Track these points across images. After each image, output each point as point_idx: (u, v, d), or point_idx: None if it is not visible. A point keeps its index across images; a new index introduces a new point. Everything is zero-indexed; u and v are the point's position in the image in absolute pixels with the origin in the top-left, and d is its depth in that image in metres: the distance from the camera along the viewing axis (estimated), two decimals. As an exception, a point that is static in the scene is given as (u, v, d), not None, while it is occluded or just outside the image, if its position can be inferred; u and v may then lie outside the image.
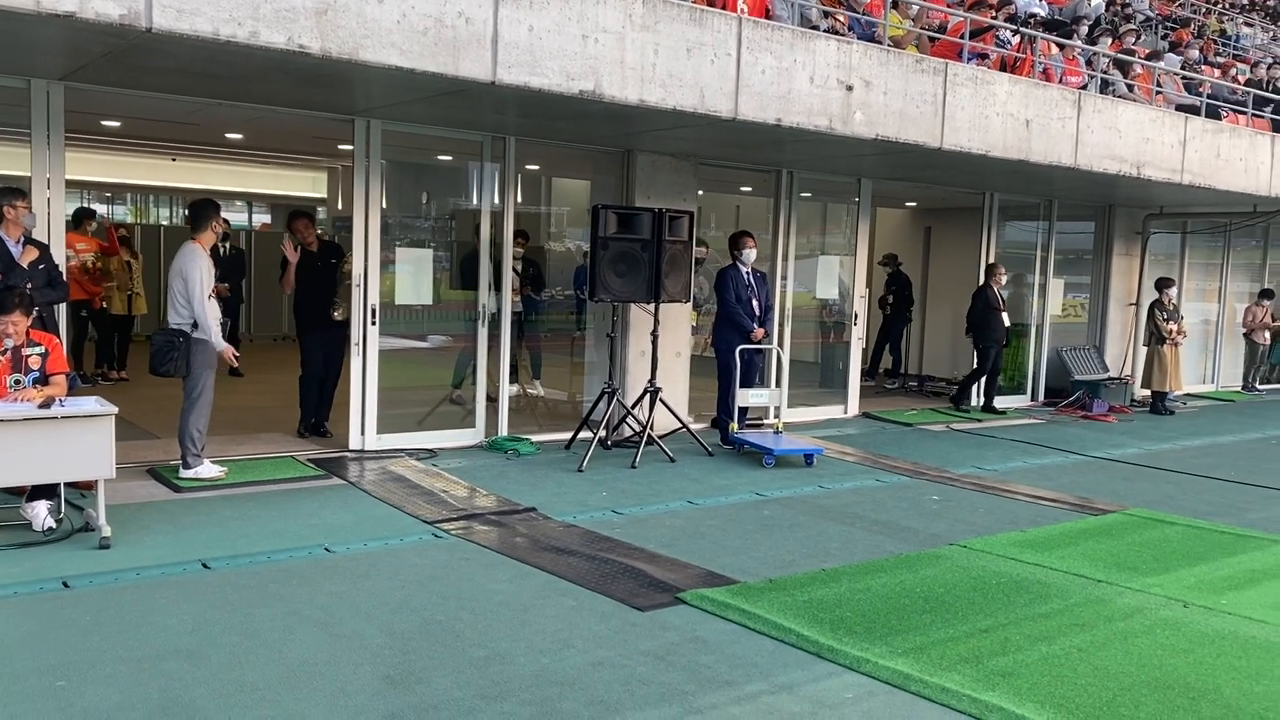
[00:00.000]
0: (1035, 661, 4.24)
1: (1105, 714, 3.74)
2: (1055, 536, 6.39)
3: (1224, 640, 4.57)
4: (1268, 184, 11.59)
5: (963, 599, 5.06)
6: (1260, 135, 11.65)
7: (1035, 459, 9.29)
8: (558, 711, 3.66)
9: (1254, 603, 5.12)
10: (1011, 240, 13.46)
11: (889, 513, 6.97)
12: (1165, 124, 10.36)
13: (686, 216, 8.52)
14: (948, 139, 8.56)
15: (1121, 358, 13.59)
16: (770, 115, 7.50)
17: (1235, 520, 7.06)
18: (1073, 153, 9.47)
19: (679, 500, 7.09)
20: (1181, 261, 14.68)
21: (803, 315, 11.61)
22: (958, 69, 8.60)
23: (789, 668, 4.15)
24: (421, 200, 9.92)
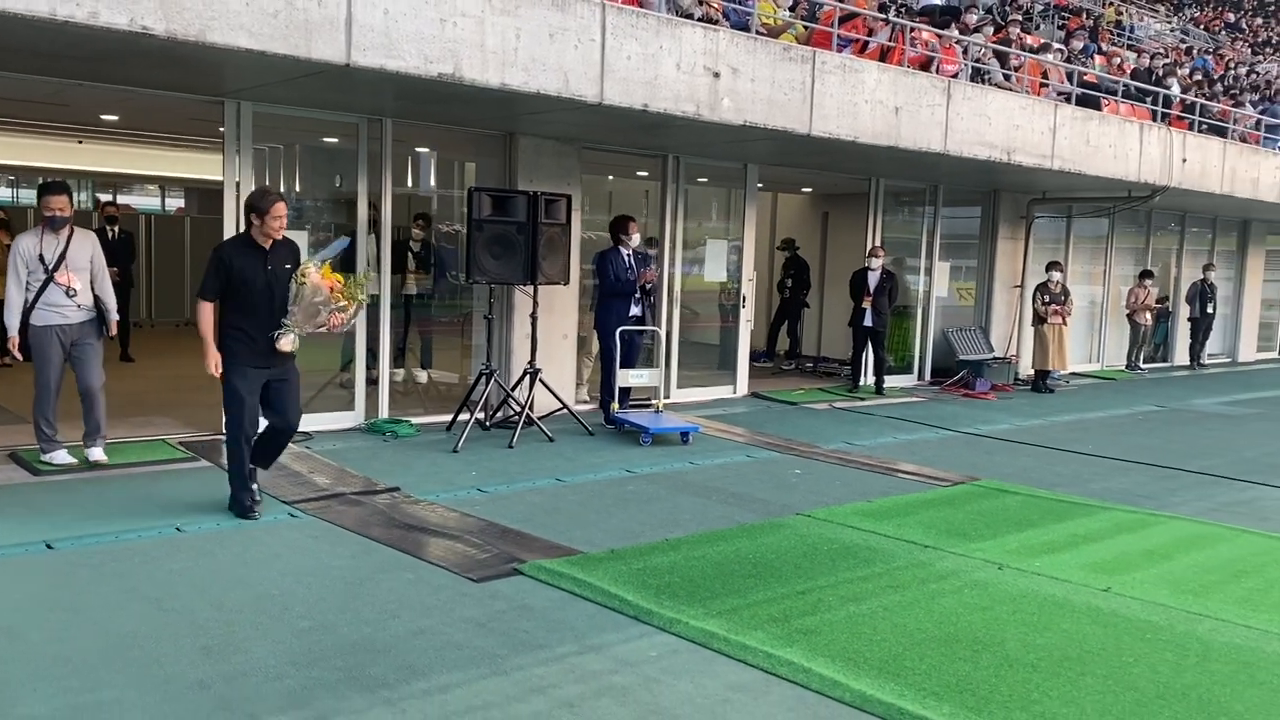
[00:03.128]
0: (840, 620, 4.47)
1: (890, 665, 3.98)
2: (898, 506, 6.67)
3: (1024, 598, 4.86)
4: (1137, 170, 12.07)
5: (790, 564, 5.29)
6: (1129, 123, 12.13)
7: (906, 434, 9.63)
8: (366, 676, 3.79)
9: (1064, 564, 5.44)
10: (903, 225, 13.85)
11: (748, 486, 7.20)
12: (1035, 111, 10.75)
13: (564, 199, 8.65)
14: (816, 125, 8.80)
15: (1007, 338, 14.06)
16: (637, 101, 7.66)
17: (1079, 490, 7.42)
18: (942, 139, 9.79)
19: (547, 478, 7.23)
20: (1066, 245, 15.21)
21: (693, 299, 11.86)
22: (826, 57, 8.84)
23: (604, 631, 4.32)
24: (299, 182, 9.89)
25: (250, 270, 5.64)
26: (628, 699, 3.66)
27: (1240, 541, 6.04)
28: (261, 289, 5.65)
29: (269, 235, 5.69)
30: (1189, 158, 12.73)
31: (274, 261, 5.69)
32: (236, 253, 5.70)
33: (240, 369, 5.69)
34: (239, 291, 5.65)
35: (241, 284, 5.63)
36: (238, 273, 5.62)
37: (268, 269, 5.67)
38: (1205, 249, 17.76)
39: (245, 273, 5.63)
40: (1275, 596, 5.01)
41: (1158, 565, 5.48)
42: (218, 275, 5.66)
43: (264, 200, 5.69)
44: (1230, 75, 22.50)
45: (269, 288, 5.67)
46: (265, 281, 5.66)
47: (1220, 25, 34.42)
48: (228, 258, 5.67)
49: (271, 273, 5.67)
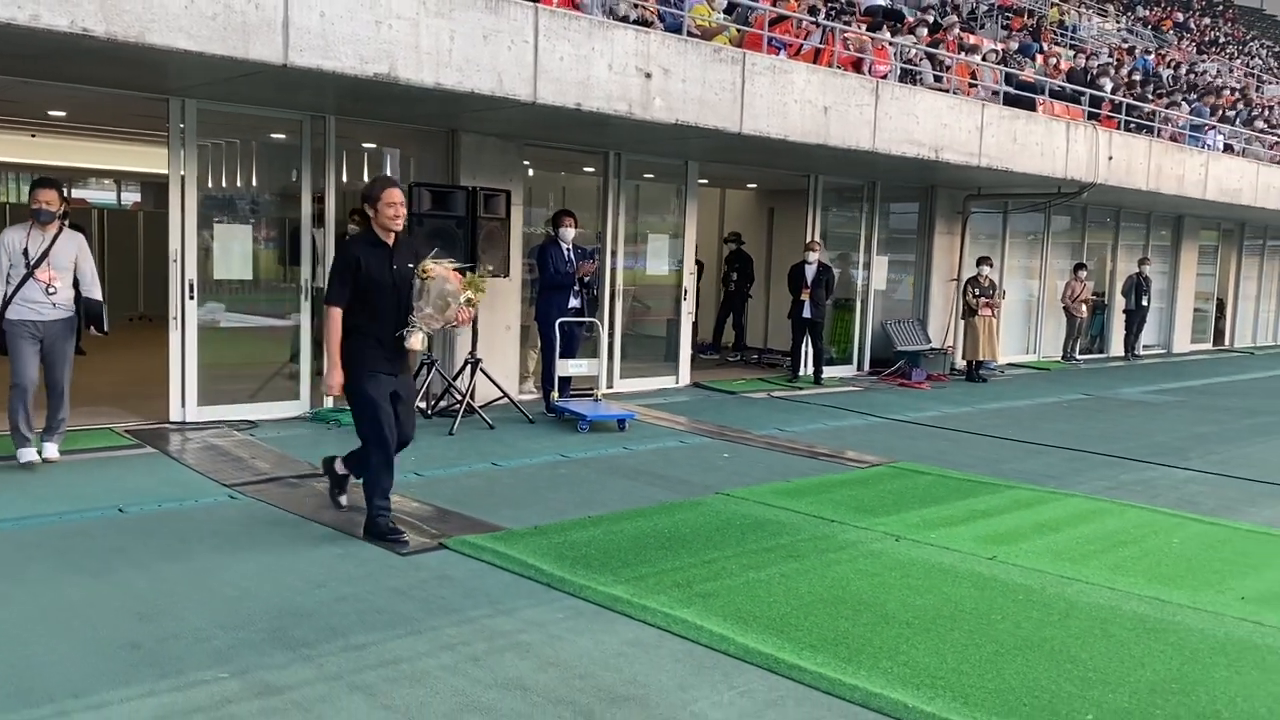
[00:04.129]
0: (738, 585, 4.82)
1: (776, 624, 4.33)
2: (814, 486, 7.04)
3: (912, 566, 5.24)
4: (1064, 167, 12.55)
5: (702, 537, 5.63)
6: (1056, 121, 12.61)
7: (836, 421, 10.02)
8: (289, 637, 4.08)
9: (958, 536, 5.82)
10: (845, 220, 14.26)
11: (676, 469, 7.54)
12: (963, 110, 11.18)
13: (503, 194, 8.94)
14: (747, 124, 9.15)
15: (944, 330, 14.52)
16: (570, 100, 7.97)
17: (990, 471, 7.83)
18: (871, 137, 10.19)
19: (484, 462, 7.53)
20: (1003, 240, 15.70)
21: (641, 292, 12.22)
22: (756, 58, 9.20)
23: (518, 597, 4.64)
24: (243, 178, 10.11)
25: (377, 269, 5.24)
26: (530, 653, 3.99)
27: (1126, 515, 6.47)
28: (388, 289, 5.26)
29: (388, 227, 5.30)
30: (1115, 155, 13.23)
31: (398, 260, 5.31)
32: (363, 251, 5.29)
33: (372, 375, 5.29)
34: (365, 293, 5.24)
35: (369, 284, 5.22)
36: (365, 272, 5.21)
37: (393, 267, 5.28)
38: (1140, 243, 18.35)
39: (372, 272, 5.22)
40: (1145, 563, 5.42)
41: (1045, 537, 5.88)
42: (347, 276, 5.23)
43: (374, 187, 5.32)
44: (1171, 75, 23.18)
45: (395, 288, 5.27)
46: (391, 281, 5.26)
47: (1170, 25, 35.23)
48: (357, 256, 5.25)
49: (396, 272, 5.28)
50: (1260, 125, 20.80)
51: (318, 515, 5.91)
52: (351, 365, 5.29)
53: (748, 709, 3.55)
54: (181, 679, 3.65)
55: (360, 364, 5.29)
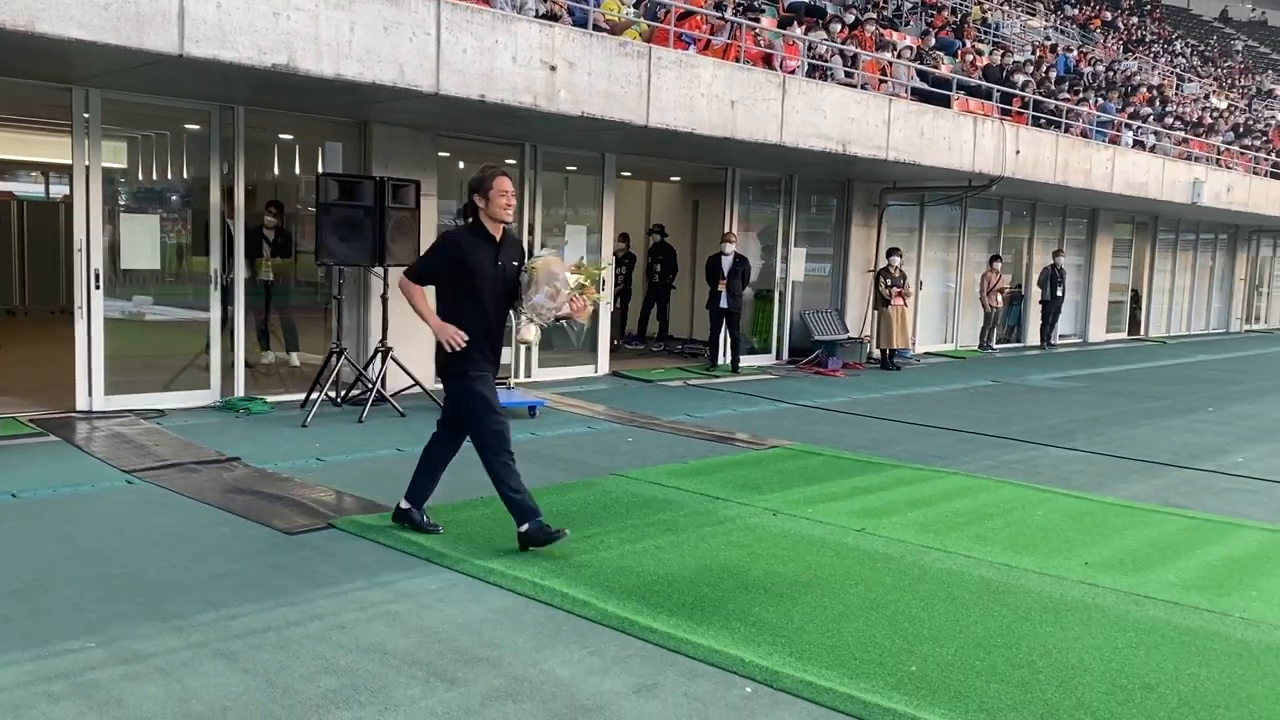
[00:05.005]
0: (612, 557, 5.03)
1: (640, 591, 4.54)
2: (708, 467, 7.28)
3: (784, 538, 5.48)
4: (971, 161, 12.94)
5: (588, 515, 5.83)
6: (964, 117, 13.00)
7: (745, 407, 10.29)
8: (162, 610, 4.21)
9: (834, 511, 6.09)
10: (767, 213, 14.53)
11: (579, 453, 7.74)
12: (870, 105, 11.49)
13: (413, 184, 9.05)
14: (654, 118, 9.36)
15: (861, 319, 14.87)
16: (474, 91, 8.11)
17: (881, 452, 8.13)
18: (778, 131, 10.45)
19: (389, 449, 7.66)
20: (920, 232, 16.11)
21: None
22: (661, 53, 9.41)
23: (396, 571, 4.81)
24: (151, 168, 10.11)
25: (484, 265, 4.98)
26: (396, 621, 4.15)
27: (1000, 491, 6.79)
28: (494, 285, 5.02)
29: (499, 218, 5.02)
30: (1022, 150, 13.66)
31: (504, 257, 5.07)
32: (469, 243, 5.02)
33: (482, 374, 5.05)
34: (471, 288, 4.97)
35: (472, 278, 4.96)
36: (469, 265, 4.94)
37: (498, 263, 5.03)
38: (1056, 236, 18.90)
39: (477, 266, 4.96)
40: (1005, 534, 5.72)
41: (916, 511, 6.17)
42: (437, 260, 5.04)
43: (485, 176, 5.02)
44: (1091, 73, 23.84)
45: (501, 284, 5.04)
46: (497, 277, 5.02)
47: (1099, 24, 36.11)
48: (459, 247, 5.00)
49: (502, 269, 5.04)
50: (1171, 121, 21.48)
51: (212, 499, 6.01)
52: (457, 366, 5.03)
53: (594, 665, 3.76)
54: (48, 649, 3.77)
55: (470, 361, 5.01)
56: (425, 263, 5.17)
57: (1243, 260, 25.28)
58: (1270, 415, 10.95)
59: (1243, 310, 25.53)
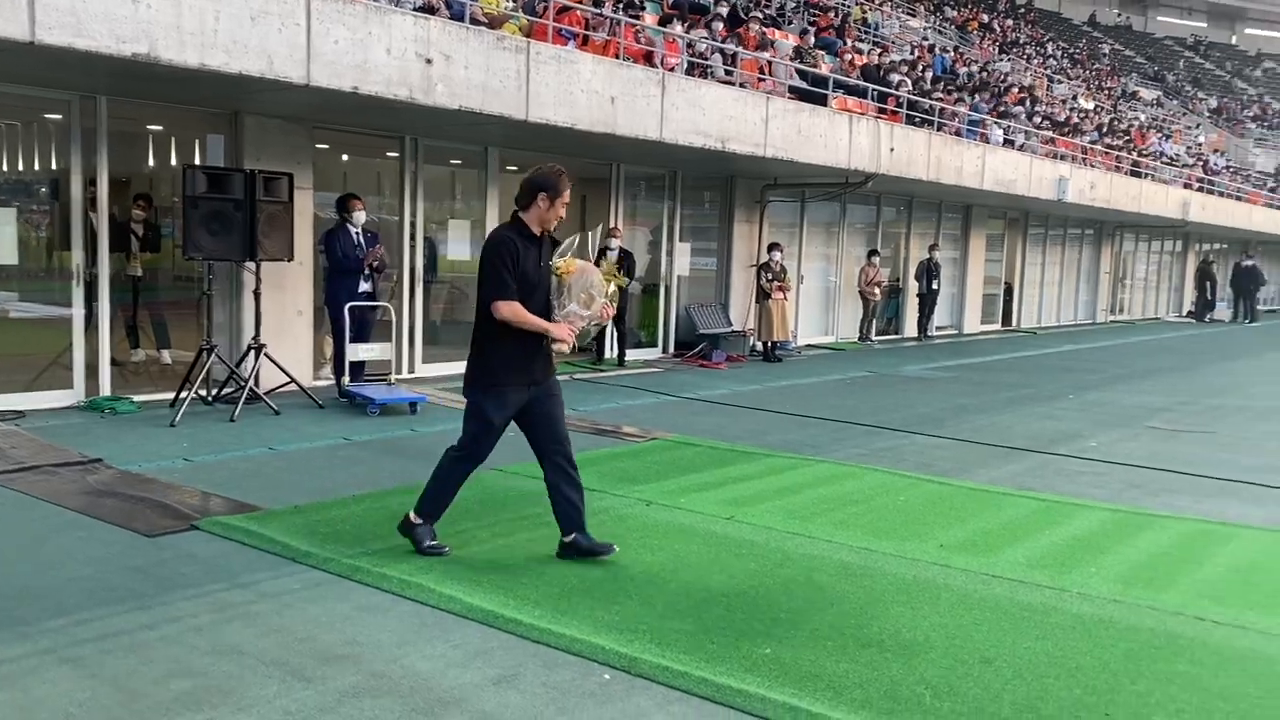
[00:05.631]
0: (483, 552, 5.06)
1: (506, 583, 4.57)
2: (587, 459, 7.24)
3: (654, 527, 5.58)
4: (847, 158, 13.30)
5: (461, 510, 5.78)
6: (839, 115, 13.34)
7: (629, 400, 10.39)
8: (9, 616, 4.07)
9: (706, 500, 6.22)
10: (653, 209, 14.67)
11: (457, 449, 7.71)
12: (748, 103, 11.71)
13: (285, 177, 8.87)
14: (533, 112, 9.37)
15: (744, 313, 15.14)
16: (346, 83, 7.99)
17: (756, 442, 8.32)
18: (659, 127, 10.57)
19: (260, 447, 7.51)
20: (801, 227, 16.47)
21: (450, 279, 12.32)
22: (540, 48, 9.42)
23: (259, 571, 4.74)
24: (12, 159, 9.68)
25: (532, 267, 4.71)
26: (256, 621, 4.10)
27: (866, 478, 7.03)
28: (539, 288, 4.76)
29: (547, 224, 4.78)
30: (896, 148, 14.10)
31: (545, 257, 4.81)
32: (520, 244, 4.70)
33: (502, 395, 4.78)
34: (521, 290, 4.68)
35: (524, 281, 4.67)
36: (521, 268, 4.66)
37: (541, 265, 4.77)
38: (931, 231, 19.54)
39: (528, 270, 4.68)
40: (868, 519, 5.94)
41: (784, 498, 6.35)
42: (511, 269, 4.63)
43: (559, 180, 4.75)
44: (966, 73, 24.70)
45: (543, 286, 4.78)
46: (542, 279, 4.77)
47: (976, 25, 37.37)
48: (516, 248, 4.66)
49: (544, 270, 4.79)
50: (1039, 121, 22.42)
51: (70, 502, 5.81)
52: (485, 375, 4.79)
53: (456, 659, 3.78)
54: (-121, 661, 3.62)
55: (497, 379, 4.75)
56: (506, 279, 4.63)
57: (1107, 254, 26.53)
58: (1124, 402, 11.57)
59: (1107, 302, 26.81)
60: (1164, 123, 37.54)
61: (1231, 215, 27.92)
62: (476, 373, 4.84)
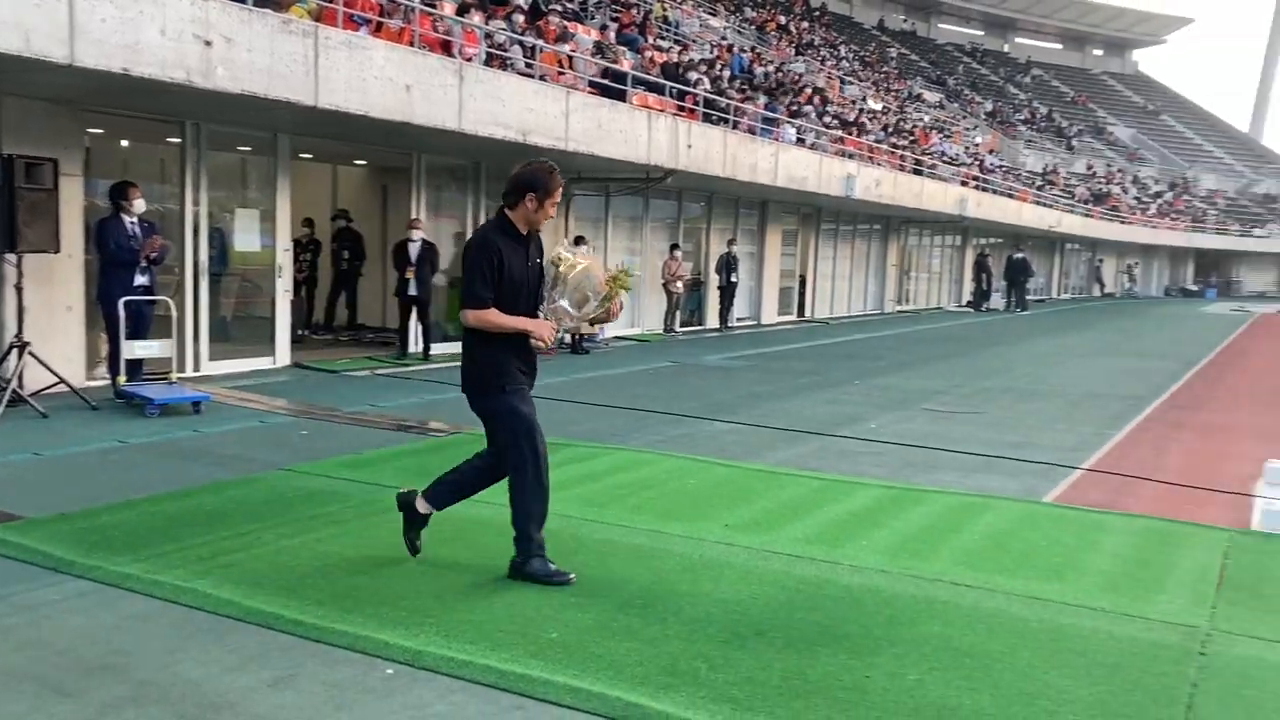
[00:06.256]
0: (266, 554, 4.89)
1: (291, 585, 4.44)
2: (384, 457, 7.22)
3: (449, 521, 5.50)
4: (647, 153, 13.56)
5: (245, 512, 5.62)
6: (639, 111, 13.59)
7: (434, 395, 10.27)
8: None
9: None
10: (454, 199, 14.50)
11: (245, 448, 7.42)
12: (548, 96, 11.76)
13: (49, 163, 8.27)
14: (324, 98, 9.09)
15: (551, 306, 15.19)
16: (116, 64, 7.53)
17: (560, 432, 8.28)
18: (457, 118, 10.47)
19: (23, 453, 6.99)
20: (605, 221, 16.68)
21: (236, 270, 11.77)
22: (330, 33, 9.15)
23: (13, 583, 4.41)
24: None
25: (519, 268, 4.52)
26: (9, 636, 3.83)
27: (662, 464, 7.22)
28: (526, 288, 4.56)
29: (535, 225, 4.60)
30: (694, 144, 14.49)
31: (533, 255, 4.62)
32: (505, 244, 4.49)
33: (520, 388, 4.60)
34: (510, 293, 4.49)
35: (510, 283, 4.48)
36: (507, 269, 4.46)
37: (529, 264, 4.59)
38: (730, 226, 20.18)
39: (514, 269, 4.50)
40: (661, 503, 6.11)
41: (583, 486, 6.44)
42: (491, 273, 4.42)
43: (550, 178, 4.54)
44: (763, 73, 25.60)
45: (533, 286, 4.59)
46: (529, 279, 4.57)
47: (774, 26, 38.73)
48: (499, 249, 4.44)
49: (532, 269, 4.60)
50: (829, 120, 23.52)
51: None
52: (491, 380, 4.58)
53: (230, 664, 3.66)
54: None
55: (506, 374, 4.56)
56: (481, 284, 4.43)
57: (894, 248, 28.13)
58: (905, 386, 12.32)
59: (894, 293, 28.44)
60: (945, 124, 40.11)
61: (1004, 211, 30.15)
62: (481, 378, 4.64)
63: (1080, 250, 44.77)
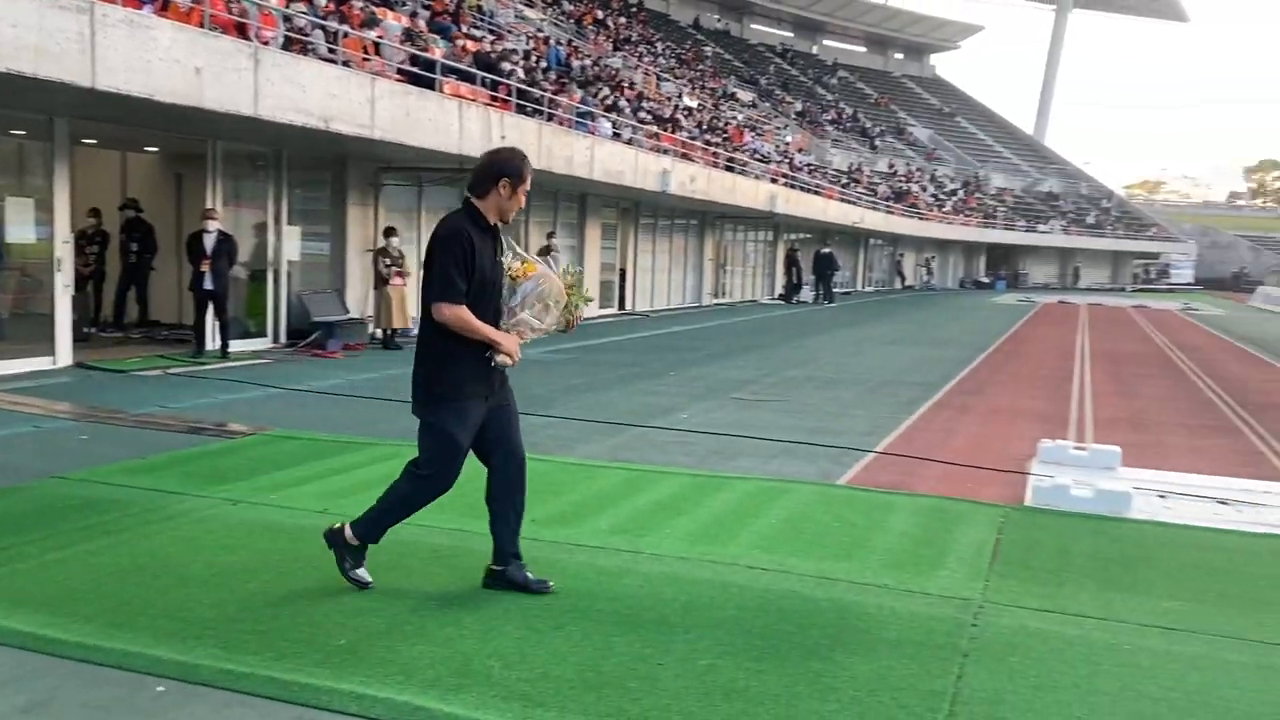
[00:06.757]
0: (29, 569, 4.52)
1: (57, 600, 4.12)
2: (172, 460, 6.82)
3: (238, 527, 5.29)
4: (459, 143, 13.34)
5: (7, 525, 5.18)
6: (449, 100, 13.36)
7: (231, 394, 9.79)
8: None
9: (302, 495, 5.98)
10: (254, 188, 13.84)
11: (14, 456, 6.89)
12: (352, 82, 11.39)
13: None
14: (102, 79, 8.50)
15: (363, 300, 14.77)
16: None
17: (368, 432, 8.13)
18: (253, 103, 9.99)
19: None
20: (419, 212, 16.32)
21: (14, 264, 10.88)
22: (108, 9, 8.56)
23: None
24: None
25: (488, 262, 4.14)
26: None
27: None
28: (495, 285, 4.18)
29: (506, 214, 4.23)
30: (507, 135, 14.35)
31: (499, 249, 4.25)
32: (476, 235, 4.10)
33: (463, 409, 4.19)
34: (478, 289, 4.10)
35: (480, 280, 4.09)
36: (478, 265, 4.07)
37: (497, 259, 4.21)
38: (550, 219, 20.14)
39: (484, 263, 4.11)
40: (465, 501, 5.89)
41: (383, 489, 6.23)
42: (464, 267, 4.03)
43: (524, 167, 4.21)
44: (580, 66, 25.64)
45: (498, 283, 4.20)
46: (496, 275, 4.19)
47: (591, 20, 38.83)
48: (471, 240, 4.06)
49: (498, 265, 4.21)
50: (645, 116, 23.81)
51: None
52: (440, 389, 4.18)
53: (-22, 692, 3.36)
54: None
55: (457, 391, 4.16)
56: (455, 278, 4.05)
57: (711, 243, 28.78)
58: (718, 376, 12.62)
59: (712, 286, 29.11)
60: (757, 123, 41.32)
61: (812, 208, 31.35)
62: (428, 387, 4.25)
63: (883, 245, 47.07)
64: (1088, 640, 4.10)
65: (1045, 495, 6.39)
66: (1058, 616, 4.37)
